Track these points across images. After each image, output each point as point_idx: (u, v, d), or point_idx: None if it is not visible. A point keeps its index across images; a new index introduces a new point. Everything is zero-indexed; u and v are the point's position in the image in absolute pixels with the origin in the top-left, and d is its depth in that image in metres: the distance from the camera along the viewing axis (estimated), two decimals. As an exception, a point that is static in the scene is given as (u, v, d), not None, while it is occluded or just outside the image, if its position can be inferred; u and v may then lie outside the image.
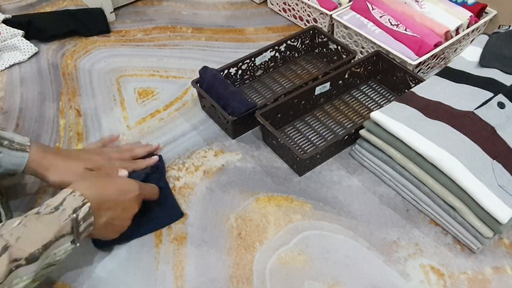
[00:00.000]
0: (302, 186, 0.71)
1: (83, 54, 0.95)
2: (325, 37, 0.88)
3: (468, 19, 0.88)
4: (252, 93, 0.85)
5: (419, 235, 0.65)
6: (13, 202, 0.67)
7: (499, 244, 0.64)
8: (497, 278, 0.60)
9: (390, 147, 0.66)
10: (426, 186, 0.64)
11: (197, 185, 0.70)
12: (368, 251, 0.63)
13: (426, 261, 0.62)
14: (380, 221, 0.66)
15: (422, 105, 0.68)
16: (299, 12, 1.00)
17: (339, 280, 0.60)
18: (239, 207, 0.68)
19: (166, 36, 1.00)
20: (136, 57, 0.94)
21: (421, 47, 0.82)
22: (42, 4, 1.09)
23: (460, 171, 0.59)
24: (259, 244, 0.63)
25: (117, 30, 1.02)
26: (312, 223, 0.66)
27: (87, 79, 0.89)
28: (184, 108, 0.84)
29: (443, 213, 0.63)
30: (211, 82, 0.76)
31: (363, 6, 0.92)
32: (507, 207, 0.57)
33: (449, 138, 0.62)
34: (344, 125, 0.79)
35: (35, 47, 0.94)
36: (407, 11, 0.91)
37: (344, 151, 0.76)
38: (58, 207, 0.50)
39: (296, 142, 0.76)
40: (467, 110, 0.66)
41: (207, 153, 0.76)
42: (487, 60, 0.75)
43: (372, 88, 0.86)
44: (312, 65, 0.91)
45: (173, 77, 0.90)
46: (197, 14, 1.07)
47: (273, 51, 0.86)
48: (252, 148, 0.76)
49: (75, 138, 0.77)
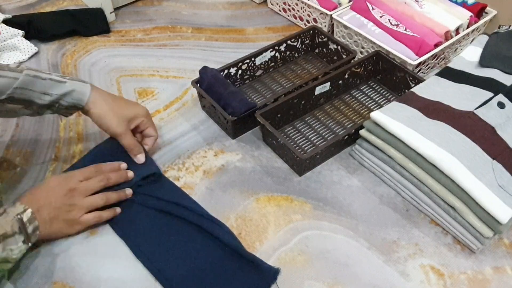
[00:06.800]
0: (302, 186, 0.71)
1: (83, 54, 0.95)
2: (325, 37, 0.88)
3: (468, 19, 0.88)
4: (252, 93, 0.85)
5: (419, 235, 0.65)
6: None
7: (499, 244, 0.64)
8: (497, 278, 0.60)
9: (390, 147, 0.66)
10: (426, 186, 0.64)
11: (197, 185, 0.70)
12: (368, 251, 0.63)
13: (426, 261, 0.62)
14: (380, 221, 0.66)
15: (422, 105, 0.68)
16: (299, 12, 1.00)
17: (339, 280, 0.60)
18: (239, 207, 0.68)
19: (166, 36, 1.00)
20: (136, 57, 0.94)
21: (421, 47, 0.82)
22: (42, 4, 1.09)
23: (460, 171, 0.59)
24: (259, 244, 0.63)
25: (117, 30, 1.02)
26: (312, 223, 0.66)
27: (87, 79, 0.89)
28: (184, 108, 0.84)
29: (443, 213, 0.63)
30: (211, 82, 0.76)
31: (363, 6, 0.92)
32: (507, 207, 0.57)
33: (449, 138, 0.62)
34: (344, 125, 0.79)
35: (35, 47, 0.94)
36: (407, 11, 0.91)
37: (344, 151, 0.76)
38: (2, 213, 0.55)
39: (296, 142, 0.76)
40: (467, 110, 0.66)
41: (207, 153, 0.76)
42: (487, 60, 0.75)
43: (372, 88, 0.86)
44: (312, 65, 0.91)
45: (173, 77, 0.90)
46: (197, 14, 1.07)
47: (273, 51, 0.86)
48: (252, 148, 0.76)
49: (75, 138, 0.77)
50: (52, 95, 0.63)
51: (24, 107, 0.62)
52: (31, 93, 0.61)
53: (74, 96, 0.64)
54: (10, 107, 0.62)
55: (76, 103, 0.64)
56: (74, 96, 0.64)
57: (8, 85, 0.59)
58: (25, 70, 0.61)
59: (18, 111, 0.63)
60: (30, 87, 0.61)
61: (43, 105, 0.63)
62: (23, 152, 0.75)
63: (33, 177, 0.71)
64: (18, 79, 0.60)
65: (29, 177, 0.71)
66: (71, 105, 0.65)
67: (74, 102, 0.64)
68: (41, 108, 0.64)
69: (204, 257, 0.60)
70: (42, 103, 0.63)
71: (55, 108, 0.65)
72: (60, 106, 0.64)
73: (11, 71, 0.60)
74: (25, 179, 0.71)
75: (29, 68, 0.62)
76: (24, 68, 0.62)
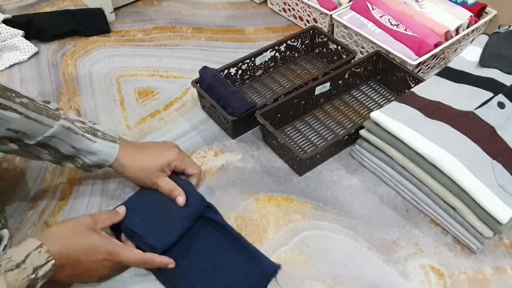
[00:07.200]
0: (302, 186, 0.71)
1: (83, 54, 0.95)
2: (325, 37, 0.88)
3: (468, 19, 0.88)
4: (252, 93, 0.85)
5: (419, 235, 0.65)
6: (9, 208, 0.67)
7: (499, 244, 0.64)
8: (497, 278, 0.60)
9: (390, 147, 0.66)
10: (426, 186, 0.64)
11: (197, 185, 0.70)
12: (368, 251, 0.63)
13: (426, 261, 0.62)
14: (380, 221, 0.66)
15: (422, 105, 0.68)
16: (299, 12, 1.00)
17: (339, 280, 0.60)
18: (239, 207, 0.68)
19: (166, 36, 1.00)
20: (136, 57, 0.94)
21: (421, 47, 0.82)
22: (42, 4, 1.09)
23: (460, 171, 0.59)
24: (259, 244, 0.63)
25: (117, 30, 1.02)
26: (312, 223, 0.66)
27: (87, 79, 0.89)
28: (184, 108, 0.84)
29: (443, 213, 0.63)
30: (211, 82, 0.76)
31: (363, 6, 0.92)
32: (507, 207, 0.57)
33: (449, 138, 0.62)
34: (344, 125, 0.79)
35: (35, 47, 0.94)
36: (407, 11, 0.91)
37: (344, 151, 0.76)
38: (20, 264, 0.48)
39: (296, 142, 0.76)
40: (467, 110, 0.66)
41: (207, 153, 0.76)
42: (487, 60, 0.75)
43: (372, 88, 0.86)
44: (312, 65, 0.91)
45: (173, 77, 0.90)
46: (197, 14, 1.07)
47: (273, 51, 0.86)
48: (252, 148, 0.76)
49: (75, 138, 0.77)
50: (79, 150, 0.60)
51: (49, 154, 0.60)
52: (60, 143, 0.59)
53: (100, 157, 0.61)
54: (35, 151, 0.60)
55: (101, 163, 0.62)
56: (100, 157, 0.61)
57: (40, 131, 0.57)
58: (61, 120, 0.59)
59: (42, 156, 0.60)
60: (61, 137, 0.59)
61: (66, 156, 0.61)
62: (23, 152, 0.75)
63: (33, 177, 0.71)
64: (52, 128, 0.58)
65: (29, 177, 0.71)
66: (95, 165, 0.62)
67: (99, 163, 0.62)
68: (64, 159, 0.61)
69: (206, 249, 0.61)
70: (67, 154, 0.60)
71: (77, 163, 0.62)
72: (84, 163, 0.62)
73: (48, 117, 0.58)
74: (25, 179, 0.71)
75: (66, 117, 0.60)
76: (61, 115, 0.60)
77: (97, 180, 0.71)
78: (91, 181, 0.71)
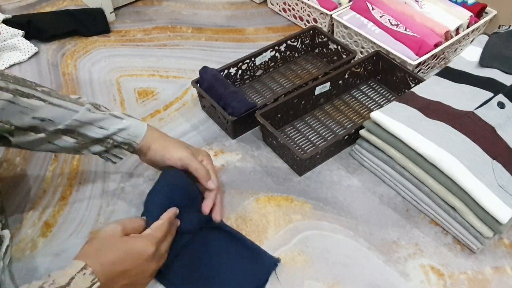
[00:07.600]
0: (302, 186, 0.71)
1: (83, 54, 0.95)
2: (325, 37, 0.88)
3: (468, 19, 0.88)
4: (252, 93, 0.85)
5: (419, 235, 0.65)
6: (9, 208, 0.67)
7: (499, 244, 0.64)
8: (497, 278, 0.60)
9: (390, 147, 0.66)
10: (426, 186, 0.64)
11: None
12: (368, 251, 0.63)
13: (426, 261, 0.62)
14: (380, 221, 0.66)
15: (422, 105, 0.68)
16: (299, 12, 1.00)
17: (339, 280, 0.60)
18: (239, 207, 0.68)
19: (166, 36, 1.00)
20: (136, 57, 0.94)
21: (421, 47, 0.82)
22: (42, 4, 1.09)
23: (460, 171, 0.59)
24: (259, 244, 0.63)
25: (117, 30, 1.02)
26: (312, 223, 0.66)
27: (87, 79, 0.89)
28: (184, 108, 0.84)
29: (443, 213, 0.63)
30: (211, 82, 0.76)
31: (363, 6, 0.92)
32: (507, 207, 0.57)
33: (449, 138, 0.62)
34: (344, 125, 0.79)
35: (35, 47, 0.94)
36: (407, 11, 0.91)
37: (344, 151, 0.76)
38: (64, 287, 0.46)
39: (296, 142, 0.76)
40: (467, 110, 0.66)
41: (207, 153, 0.76)
42: (487, 60, 0.75)
43: (372, 88, 0.86)
44: (312, 65, 0.91)
45: (173, 77, 0.90)
46: (197, 14, 1.07)
47: (273, 51, 0.86)
48: (252, 148, 0.76)
49: (75, 138, 0.77)
50: (108, 129, 0.60)
51: (76, 141, 0.59)
52: (88, 127, 0.59)
53: (131, 132, 0.61)
54: (60, 141, 0.59)
55: (131, 139, 0.61)
56: (130, 132, 0.61)
57: (67, 116, 0.57)
58: (86, 104, 0.59)
59: (65, 145, 0.59)
60: (89, 120, 0.59)
61: (95, 139, 0.60)
62: (23, 152, 0.75)
63: (33, 177, 0.71)
64: (78, 112, 0.58)
65: (29, 177, 0.71)
66: (126, 142, 0.61)
67: (130, 139, 0.61)
68: (92, 143, 0.60)
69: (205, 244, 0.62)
70: (96, 137, 0.59)
71: (107, 143, 0.61)
72: (114, 142, 0.61)
73: (72, 102, 0.58)
74: (25, 179, 0.71)
75: (90, 102, 0.60)
76: (85, 102, 0.60)
77: (97, 180, 0.71)
78: (91, 181, 0.71)
